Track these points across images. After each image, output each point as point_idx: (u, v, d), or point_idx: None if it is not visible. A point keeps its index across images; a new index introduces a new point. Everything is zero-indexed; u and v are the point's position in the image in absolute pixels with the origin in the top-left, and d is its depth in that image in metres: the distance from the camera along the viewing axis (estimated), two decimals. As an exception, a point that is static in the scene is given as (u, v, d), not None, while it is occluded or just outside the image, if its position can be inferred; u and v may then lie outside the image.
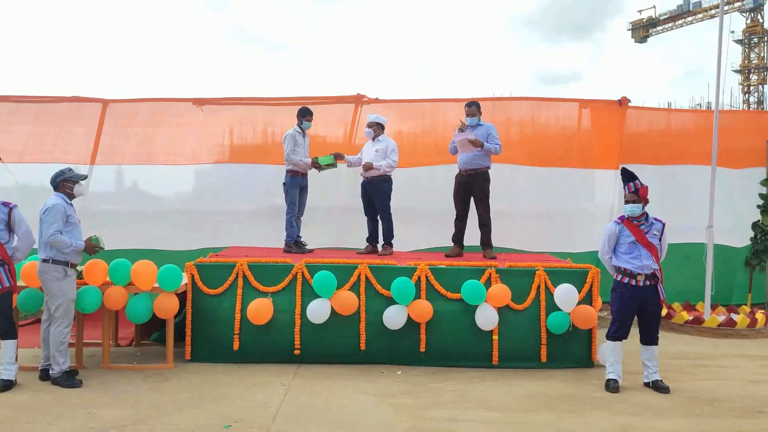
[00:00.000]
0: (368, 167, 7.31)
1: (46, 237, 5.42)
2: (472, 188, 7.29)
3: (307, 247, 7.56)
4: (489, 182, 7.29)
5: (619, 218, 5.79)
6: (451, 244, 7.49)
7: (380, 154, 7.36)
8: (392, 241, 7.51)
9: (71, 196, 5.67)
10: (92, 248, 5.64)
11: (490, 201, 7.33)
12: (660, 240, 5.66)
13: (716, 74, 8.38)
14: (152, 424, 4.63)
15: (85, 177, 5.84)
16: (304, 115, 7.53)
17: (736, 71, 51.01)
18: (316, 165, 7.41)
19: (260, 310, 6.13)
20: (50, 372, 5.49)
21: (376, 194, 7.40)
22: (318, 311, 6.09)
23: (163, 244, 8.42)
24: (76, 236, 5.58)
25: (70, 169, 5.75)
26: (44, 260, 5.48)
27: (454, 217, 7.47)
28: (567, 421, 4.83)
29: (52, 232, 5.40)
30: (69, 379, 5.43)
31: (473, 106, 7.29)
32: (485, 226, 7.30)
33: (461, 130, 7.20)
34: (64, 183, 5.65)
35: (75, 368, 5.83)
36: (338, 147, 8.87)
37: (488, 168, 7.27)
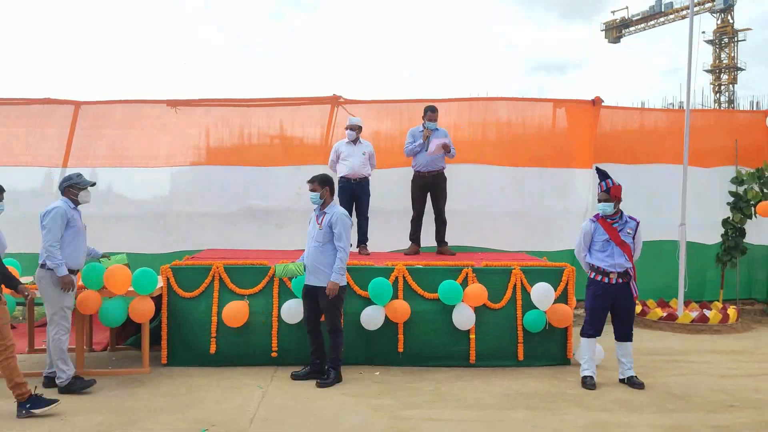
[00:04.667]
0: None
1: (46, 244, 5.29)
2: (434, 188, 7.61)
3: None
4: (446, 182, 7.67)
5: (594, 216, 5.86)
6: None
7: (367, 157, 7.58)
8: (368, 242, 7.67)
9: (76, 203, 5.54)
10: (69, 284, 5.34)
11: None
12: (634, 238, 5.74)
13: (687, 74, 8.53)
14: (128, 429, 4.58)
15: (93, 184, 5.66)
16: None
17: (707, 71, 51.90)
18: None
19: (236, 313, 6.10)
20: (57, 380, 5.36)
21: (364, 195, 7.59)
22: (293, 311, 6.06)
23: (138, 247, 8.32)
24: (78, 243, 5.46)
25: (78, 175, 5.62)
26: (41, 265, 5.36)
27: (412, 217, 7.72)
28: (543, 419, 4.88)
29: (52, 243, 5.24)
30: (80, 383, 5.33)
31: (437, 111, 7.57)
32: (444, 223, 7.66)
33: (427, 136, 7.43)
34: (69, 189, 5.51)
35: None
36: (315, 148, 8.87)
37: (444, 168, 7.65)
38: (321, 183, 5.76)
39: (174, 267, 6.34)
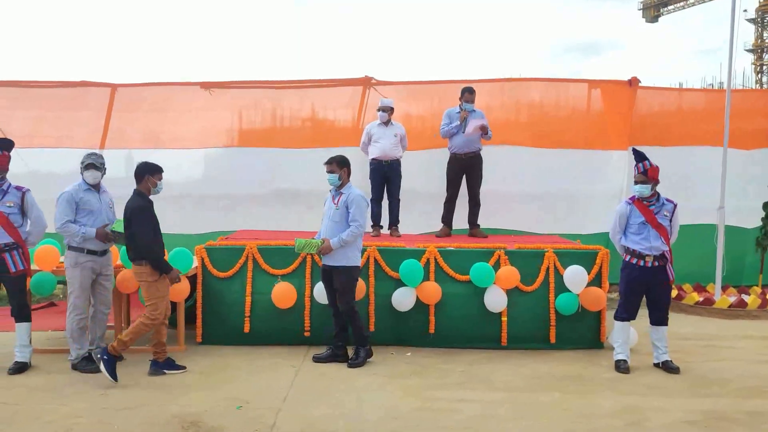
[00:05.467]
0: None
1: (56, 226, 5.48)
2: (470, 170, 7.56)
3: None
4: (482, 163, 7.63)
5: (630, 198, 5.77)
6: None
7: (398, 139, 7.54)
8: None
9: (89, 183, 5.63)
10: (105, 236, 5.51)
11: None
12: (670, 221, 5.64)
13: (728, 53, 8.30)
14: (164, 405, 4.70)
15: (97, 165, 5.62)
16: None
17: (748, 51, 50.35)
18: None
19: (285, 293, 6.17)
20: (68, 357, 5.55)
21: (396, 177, 7.58)
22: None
23: (173, 227, 8.42)
24: (93, 224, 5.52)
25: (89, 155, 5.69)
26: (68, 246, 5.55)
27: (445, 199, 7.70)
28: (575, 402, 4.86)
29: (63, 222, 5.43)
30: (87, 365, 5.47)
31: (474, 93, 7.48)
32: (478, 205, 7.63)
33: (464, 117, 7.37)
34: (80, 167, 5.65)
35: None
36: (346, 130, 8.87)
37: (481, 150, 7.61)
38: (339, 164, 5.77)
39: (208, 247, 6.44)
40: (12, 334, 5.55)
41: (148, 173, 5.50)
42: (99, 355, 5.20)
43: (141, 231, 5.29)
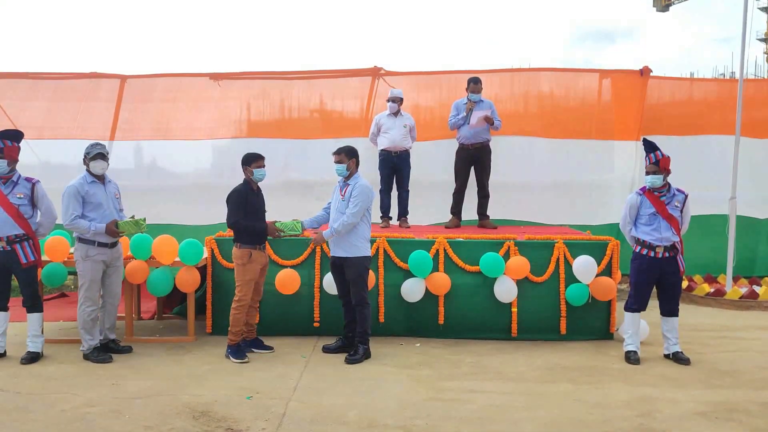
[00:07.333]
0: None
1: (65, 222, 5.47)
2: (478, 161, 7.55)
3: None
4: (491, 154, 7.62)
5: (640, 189, 5.72)
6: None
7: (407, 129, 7.52)
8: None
9: (93, 174, 5.55)
10: (114, 232, 5.48)
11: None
12: (681, 211, 5.60)
13: (741, 42, 8.20)
14: (175, 394, 4.72)
15: (101, 155, 5.53)
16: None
17: (761, 40, 49.83)
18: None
19: (287, 280, 6.15)
20: (80, 348, 5.58)
21: (405, 168, 7.58)
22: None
23: (183, 219, 8.50)
24: (101, 217, 5.49)
25: (93, 145, 5.61)
26: (77, 239, 5.56)
27: (454, 190, 7.70)
28: (586, 392, 4.84)
29: (71, 218, 5.40)
30: (99, 355, 5.51)
31: (479, 83, 7.44)
32: (487, 197, 7.63)
33: (470, 108, 7.36)
34: (84, 159, 5.58)
35: (127, 344, 5.94)
36: (355, 120, 8.85)
37: (489, 141, 7.58)
38: (348, 155, 5.67)
39: (218, 238, 6.44)
40: (24, 325, 5.58)
41: (243, 164, 5.87)
42: (226, 355, 5.60)
43: (228, 214, 5.68)
